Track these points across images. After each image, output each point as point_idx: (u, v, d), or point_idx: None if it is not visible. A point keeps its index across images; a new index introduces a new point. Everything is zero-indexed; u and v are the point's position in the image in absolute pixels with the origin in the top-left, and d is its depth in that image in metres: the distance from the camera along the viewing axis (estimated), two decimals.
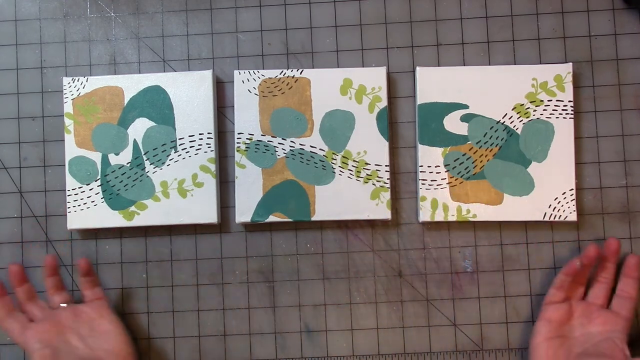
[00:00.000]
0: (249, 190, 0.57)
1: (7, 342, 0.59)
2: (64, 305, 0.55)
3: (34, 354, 0.51)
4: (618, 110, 0.58)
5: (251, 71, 0.57)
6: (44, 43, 0.60)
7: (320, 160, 0.57)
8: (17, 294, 0.55)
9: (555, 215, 0.56)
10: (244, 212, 0.57)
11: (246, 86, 0.57)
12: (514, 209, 0.56)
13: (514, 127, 0.56)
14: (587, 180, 0.58)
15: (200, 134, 0.57)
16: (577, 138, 0.58)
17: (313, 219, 0.56)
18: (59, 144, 0.59)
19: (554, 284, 0.54)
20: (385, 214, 0.56)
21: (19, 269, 0.55)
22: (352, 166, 0.57)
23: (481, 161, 0.57)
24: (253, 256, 0.59)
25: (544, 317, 0.54)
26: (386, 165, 0.57)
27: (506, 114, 0.57)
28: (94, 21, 0.60)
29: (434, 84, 0.57)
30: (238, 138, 0.57)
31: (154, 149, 0.57)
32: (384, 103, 0.57)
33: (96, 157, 0.58)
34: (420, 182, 0.57)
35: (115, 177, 0.57)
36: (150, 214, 0.57)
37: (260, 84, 0.57)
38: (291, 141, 0.57)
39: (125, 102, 0.58)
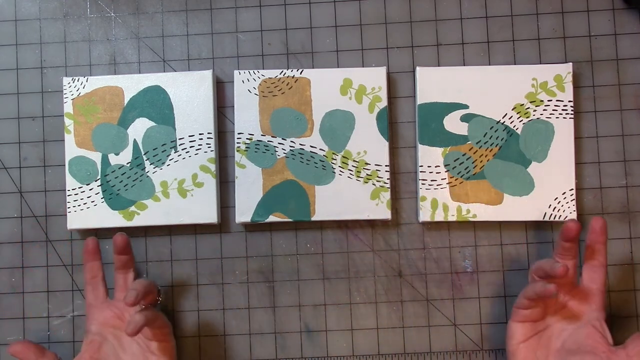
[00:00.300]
0: (249, 190, 0.57)
1: (7, 342, 0.59)
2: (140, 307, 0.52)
3: (86, 336, 0.53)
4: (618, 110, 0.58)
5: (251, 71, 0.57)
6: (44, 43, 0.60)
7: (320, 160, 0.57)
8: (115, 261, 0.54)
9: (555, 215, 0.56)
10: (244, 212, 0.57)
11: (246, 86, 0.57)
12: (514, 209, 0.56)
13: (514, 127, 0.56)
14: (587, 180, 0.58)
15: (200, 134, 0.57)
16: (577, 138, 0.58)
17: (313, 219, 0.56)
18: (59, 144, 0.59)
19: (525, 295, 0.50)
20: (385, 214, 0.56)
21: (127, 240, 0.53)
22: (352, 166, 0.57)
23: (481, 161, 0.57)
24: (253, 256, 0.59)
25: (517, 319, 0.51)
26: (386, 165, 0.57)
27: (506, 114, 0.57)
28: (94, 21, 0.60)
29: (434, 84, 0.57)
30: (238, 138, 0.57)
31: (154, 149, 0.57)
32: (384, 103, 0.57)
33: (96, 157, 0.58)
34: (420, 182, 0.57)
35: (115, 177, 0.57)
36: (150, 214, 0.57)
37: (260, 84, 0.57)
38: (291, 141, 0.57)
39: (125, 102, 0.58)
